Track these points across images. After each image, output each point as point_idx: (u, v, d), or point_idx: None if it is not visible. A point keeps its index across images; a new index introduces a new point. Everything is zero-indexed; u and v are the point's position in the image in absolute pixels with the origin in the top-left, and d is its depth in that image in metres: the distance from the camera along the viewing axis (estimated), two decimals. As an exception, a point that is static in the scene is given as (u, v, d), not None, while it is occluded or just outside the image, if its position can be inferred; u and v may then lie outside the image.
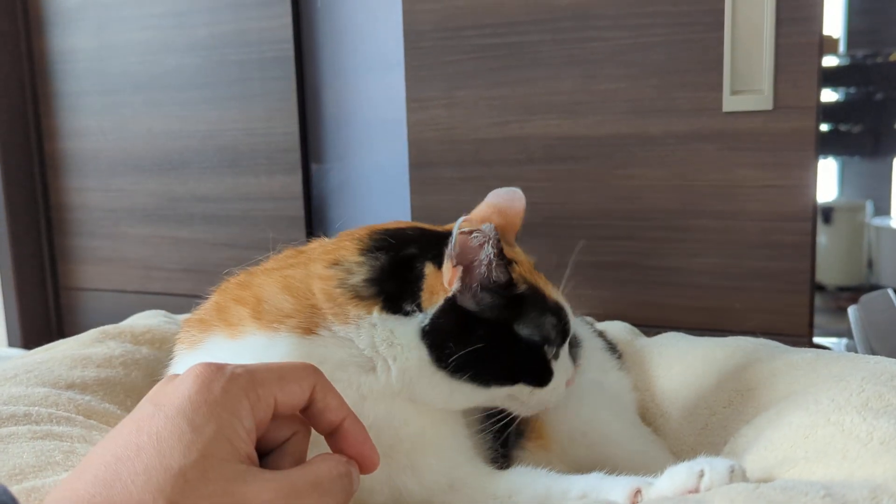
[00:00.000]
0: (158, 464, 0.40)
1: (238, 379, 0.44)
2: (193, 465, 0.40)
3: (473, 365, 0.55)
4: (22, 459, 0.57)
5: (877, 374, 0.56)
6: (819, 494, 0.41)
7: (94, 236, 1.48)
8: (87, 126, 1.45)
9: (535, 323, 0.57)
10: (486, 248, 0.55)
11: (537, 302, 0.58)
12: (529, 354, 0.58)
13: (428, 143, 1.18)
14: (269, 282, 0.58)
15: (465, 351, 0.55)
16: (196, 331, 0.58)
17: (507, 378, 0.57)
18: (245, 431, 0.43)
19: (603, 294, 1.12)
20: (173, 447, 0.40)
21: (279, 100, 1.29)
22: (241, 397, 0.43)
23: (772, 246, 1.02)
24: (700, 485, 0.48)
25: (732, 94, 1.00)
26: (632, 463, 0.65)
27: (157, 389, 0.45)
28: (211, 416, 0.42)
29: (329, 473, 0.46)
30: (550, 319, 0.58)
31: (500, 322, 0.57)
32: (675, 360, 0.82)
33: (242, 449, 0.43)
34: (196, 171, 1.37)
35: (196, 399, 0.42)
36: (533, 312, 0.58)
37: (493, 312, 0.56)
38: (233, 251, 1.37)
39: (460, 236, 0.54)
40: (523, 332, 0.57)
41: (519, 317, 0.57)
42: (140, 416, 0.43)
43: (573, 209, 1.11)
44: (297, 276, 0.57)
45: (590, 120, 1.09)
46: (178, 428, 0.41)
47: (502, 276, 0.56)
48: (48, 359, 0.77)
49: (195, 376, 0.43)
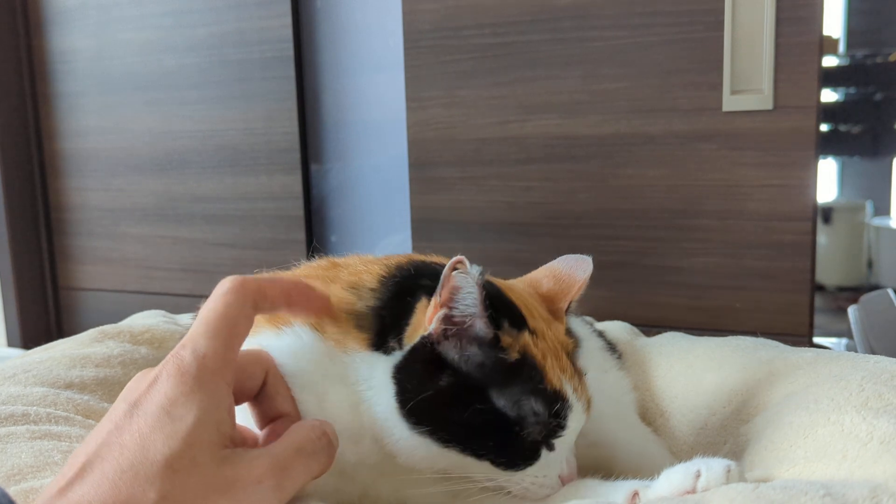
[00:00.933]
0: (143, 458, 0.40)
1: (206, 361, 0.44)
2: (179, 454, 0.40)
3: (433, 419, 0.50)
4: (20, 460, 0.57)
5: (876, 373, 0.56)
6: (819, 494, 0.41)
7: (93, 236, 1.48)
8: (86, 126, 1.45)
9: (513, 399, 0.51)
10: (469, 293, 0.50)
11: (529, 379, 0.51)
12: (502, 429, 0.51)
13: (428, 143, 1.18)
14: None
15: (420, 397, 0.50)
16: None
17: (469, 447, 0.51)
18: (227, 413, 0.44)
19: (603, 293, 1.12)
20: (156, 440, 0.41)
21: (279, 99, 1.29)
22: (216, 379, 0.44)
23: (772, 246, 1.02)
24: (697, 485, 0.48)
25: (732, 94, 1.00)
26: (632, 462, 0.65)
27: (130, 388, 0.45)
28: (190, 405, 0.42)
29: (308, 437, 0.47)
30: (536, 405, 0.51)
31: (476, 380, 0.51)
32: (675, 360, 0.82)
33: (226, 432, 0.44)
34: (196, 170, 1.37)
35: (172, 392, 0.42)
36: (517, 387, 0.51)
37: (470, 366, 0.51)
38: (233, 251, 1.37)
39: (450, 274, 0.49)
40: (498, 402, 0.51)
41: (497, 385, 0.51)
42: (117, 415, 0.43)
43: (573, 209, 1.11)
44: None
45: (590, 120, 1.09)
46: (158, 421, 0.41)
47: (485, 331, 0.51)
48: (47, 358, 0.77)
49: (168, 371, 0.43)
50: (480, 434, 0.51)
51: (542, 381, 0.52)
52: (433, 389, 0.50)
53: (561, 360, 0.54)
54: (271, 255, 1.33)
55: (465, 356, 0.51)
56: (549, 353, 0.53)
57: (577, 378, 0.55)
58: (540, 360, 0.52)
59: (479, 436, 0.51)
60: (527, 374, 0.51)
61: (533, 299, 0.58)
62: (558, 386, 0.52)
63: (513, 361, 0.51)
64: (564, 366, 0.54)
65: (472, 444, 0.51)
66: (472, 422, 0.50)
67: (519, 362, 0.51)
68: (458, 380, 0.51)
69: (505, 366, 0.51)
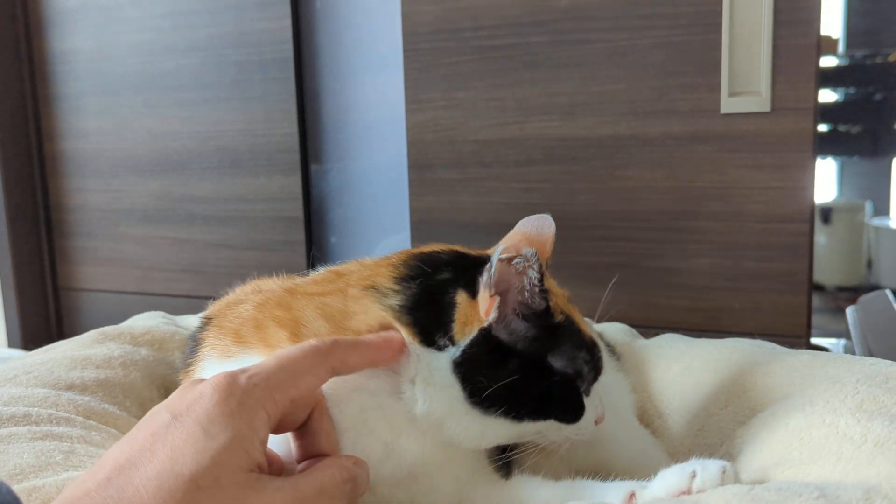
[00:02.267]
0: (170, 469, 0.40)
1: (255, 390, 0.45)
2: (205, 472, 0.41)
3: (507, 399, 0.54)
4: (22, 459, 0.57)
5: (872, 376, 0.57)
6: (813, 496, 0.41)
7: (93, 237, 1.48)
8: (86, 127, 1.45)
9: (569, 356, 0.56)
10: (528, 273, 0.53)
11: (573, 334, 0.57)
12: (562, 388, 0.56)
13: (427, 145, 1.19)
14: (309, 306, 0.57)
15: (500, 384, 0.53)
16: (230, 342, 0.57)
17: (540, 413, 0.55)
18: (259, 442, 0.45)
19: (600, 295, 1.12)
20: (185, 454, 0.41)
21: (279, 101, 1.30)
22: (259, 409, 0.45)
23: (770, 247, 1.02)
24: (692, 486, 0.48)
25: (730, 96, 1.01)
26: (631, 464, 0.66)
27: (175, 397, 0.46)
28: (227, 425, 0.43)
29: (333, 479, 0.47)
30: (584, 354, 0.56)
31: (534, 353, 0.55)
32: (674, 362, 0.83)
33: (255, 458, 0.44)
34: (196, 172, 1.38)
35: (213, 410, 0.43)
36: (567, 345, 0.56)
37: (526, 343, 0.55)
38: (232, 252, 1.37)
39: (500, 264, 0.53)
40: (557, 364, 0.55)
41: (553, 348, 0.55)
42: (157, 423, 0.44)
43: (572, 210, 1.12)
44: (334, 305, 0.57)
45: (588, 121, 1.09)
46: (192, 436, 0.42)
47: (542, 303, 0.55)
48: (47, 360, 0.78)
49: (214, 387, 0.44)
50: (549, 398, 0.55)
51: (580, 334, 0.57)
52: (507, 375, 0.53)
53: (575, 309, 0.59)
54: (271, 256, 1.33)
55: (518, 334, 0.54)
56: (568, 306, 0.58)
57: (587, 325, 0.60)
58: (570, 314, 0.57)
59: (548, 400, 0.55)
60: (569, 331, 0.56)
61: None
62: (590, 334, 0.58)
63: (557, 323, 0.56)
64: (579, 313, 0.59)
65: (543, 410, 0.55)
66: (539, 390, 0.55)
67: (562, 323, 0.56)
68: (522, 359, 0.54)
69: (553, 330, 0.55)
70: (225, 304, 0.63)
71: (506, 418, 0.54)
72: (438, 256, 0.59)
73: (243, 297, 0.62)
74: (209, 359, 0.58)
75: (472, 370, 0.53)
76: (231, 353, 0.56)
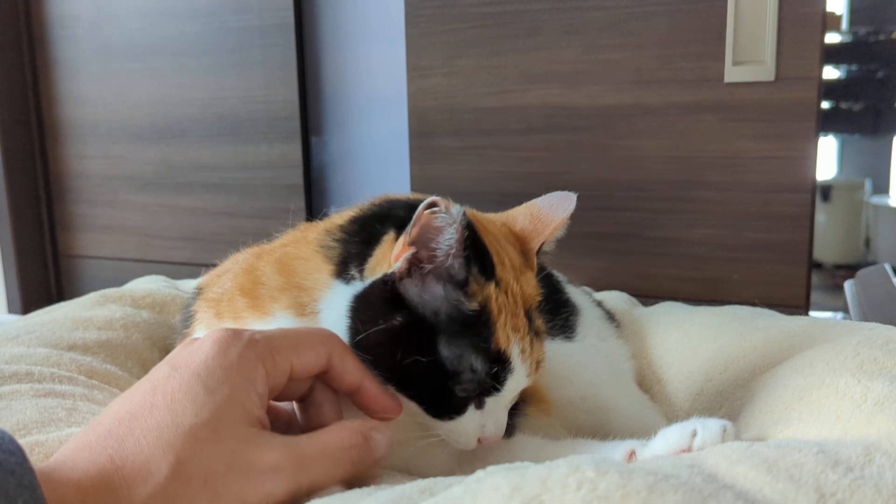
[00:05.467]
0: (171, 422, 0.41)
1: (255, 345, 0.45)
2: (204, 424, 0.41)
3: (377, 353, 0.50)
4: (25, 415, 0.57)
5: (872, 338, 0.57)
6: (812, 451, 0.41)
7: (93, 204, 1.48)
8: (86, 93, 1.44)
9: (457, 352, 0.49)
10: (447, 232, 0.48)
11: (478, 334, 0.49)
12: (435, 379, 0.50)
13: (428, 113, 1.18)
14: (269, 262, 0.56)
15: (371, 331, 0.49)
16: (212, 315, 0.58)
17: (405, 386, 0.51)
18: (258, 396, 0.44)
19: (601, 264, 1.12)
20: (186, 407, 0.41)
21: (279, 67, 1.29)
22: (257, 364, 0.45)
23: (771, 217, 1.02)
24: (693, 444, 0.49)
25: (734, 65, 1.00)
26: (629, 428, 0.66)
27: (175, 352, 0.46)
28: (226, 379, 0.43)
29: (339, 443, 0.46)
30: (476, 363, 0.49)
31: (427, 323, 0.49)
32: (673, 328, 0.83)
33: (254, 413, 0.44)
34: (195, 138, 1.37)
35: (212, 363, 0.43)
36: (464, 340, 0.49)
37: (426, 310, 0.50)
38: (232, 220, 1.37)
39: (423, 213, 0.47)
40: (443, 351, 0.49)
41: (450, 334, 0.49)
42: (157, 376, 0.44)
43: (573, 179, 1.12)
44: (291, 252, 0.57)
45: (591, 90, 1.09)
46: (192, 389, 0.42)
47: (460, 273, 0.49)
48: (49, 320, 0.78)
49: (214, 341, 0.45)
50: (418, 378, 0.50)
51: (489, 339, 0.50)
52: (385, 325, 0.49)
53: (517, 319, 0.52)
54: (270, 224, 1.32)
55: (424, 298, 0.50)
56: (506, 309, 0.51)
57: (530, 339, 0.53)
58: (495, 315, 0.50)
59: (415, 379, 0.50)
60: (478, 328, 0.50)
61: (506, 240, 0.56)
62: (505, 347, 0.50)
63: (470, 311, 0.49)
64: (519, 325, 0.52)
65: (407, 386, 0.50)
66: (412, 365, 0.49)
67: (476, 314, 0.50)
68: (412, 320, 0.49)
69: (461, 315, 0.49)
70: (215, 275, 0.63)
71: (375, 373, 0.50)
72: (406, 201, 0.57)
73: (230, 267, 0.62)
74: (199, 333, 0.58)
75: (360, 311, 0.50)
76: (213, 328, 0.56)
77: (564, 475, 0.37)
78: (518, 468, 0.40)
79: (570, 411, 0.69)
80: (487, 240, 0.53)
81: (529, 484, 0.37)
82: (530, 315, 0.54)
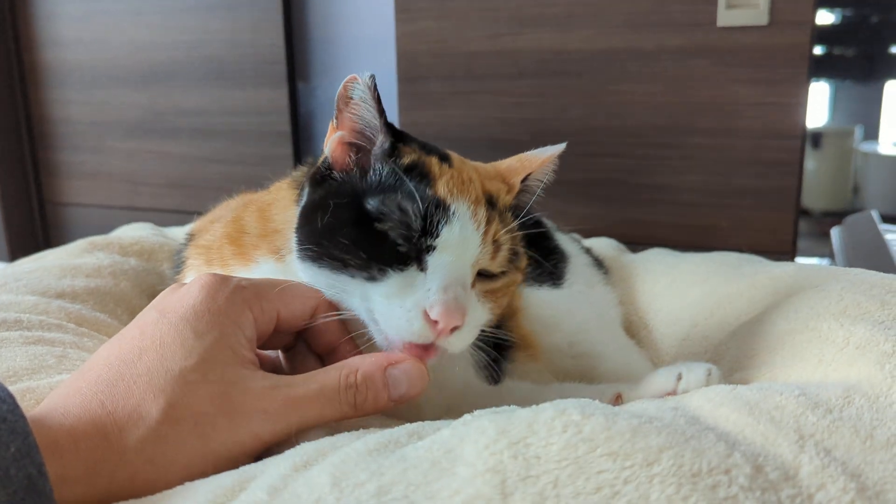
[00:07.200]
0: (160, 366, 0.41)
1: (242, 291, 0.45)
2: (193, 367, 0.41)
3: (307, 233, 0.49)
4: (15, 362, 0.57)
5: (856, 283, 0.58)
6: (794, 393, 0.42)
7: (78, 150, 1.46)
8: (66, 35, 1.41)
9: (383, 199, 0.47)
10: (356, 88, 0.49)
11: (411, 176, 0.48)
12: (365, 231, 0.47)
13: (417, 56, 1.16)
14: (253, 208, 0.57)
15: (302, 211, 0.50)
16: (202, 262, 0.58)
17: (332, 253, 0.47)
18: (246, 339, 0.45)
19: (591, 211, 1.12)
20: (175, 351, 0.41)
21: (265, 9, 1.26)
22: (245, 308, 0.45)
23: (760, 163, 1.02)
24: (678, 387, 0.49)
25: (728, 8, 0.99)
26: (616, 373, 0.67)
27: (162, 297, 0.46)
28: (214, 323, 0.43)
29: (334, 383, 0.45)
30: (403, 202, 0.47)
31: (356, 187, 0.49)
32: (661, 275, 0.84)
33: (244, 354, 0.44)
34: (181, 83, 1.35)
35: (200, 307, 0.43)
36: (395, 190, 0.48)
37: (353, 176, 0.50)
38: (220, 166, 1.35)
39: (340, 91, 0.49)
40: (370, 203, 0.47)
41: (379, 192, 0.48)
42: (145, 321, 0.44)
43: (563, 125, 1.11)
44: (269, 197, 0.57)
45: (583, 33, 1.07)
46: (181, 333, 0.42)
47: (382, 140, 0.50)
48: (37, 268, 0.77)
49: (201, 286, 0.45)
50: (348, 238, 0.47)
51: (424, 186, 0.48)
52: (311, 202, 0.50)
53: (466, 186, 0.50)
54: (258, 170, 1.32)
55: (347, 165, 0.51)
56: (454, 179, 0.50)
57: (486, 210, 0.50)
58: (435, 173, 0.49)
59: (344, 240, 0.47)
60: (411, 178, 0.48)
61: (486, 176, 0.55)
62: (443, 196, 0.48)
63: (403, 166, 0.49)
64: (468, 190, 0.50)
65: (334, 250, 0.47)
66: (335, 223, 0.48)
67: (409, 167, 0.49)
68: (336, 187, 0.50)
69: (394, 174, 0.48)
70: (207, 221, 0.63)
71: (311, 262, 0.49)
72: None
73: (221, 213, 0.62)
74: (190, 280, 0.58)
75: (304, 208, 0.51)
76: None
77: (550, 418, 0.38)
78: (505, 411, 0.40)
79: (558, 357, 0.69)
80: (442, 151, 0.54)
81: (516, 427, 0.37)
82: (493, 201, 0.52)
